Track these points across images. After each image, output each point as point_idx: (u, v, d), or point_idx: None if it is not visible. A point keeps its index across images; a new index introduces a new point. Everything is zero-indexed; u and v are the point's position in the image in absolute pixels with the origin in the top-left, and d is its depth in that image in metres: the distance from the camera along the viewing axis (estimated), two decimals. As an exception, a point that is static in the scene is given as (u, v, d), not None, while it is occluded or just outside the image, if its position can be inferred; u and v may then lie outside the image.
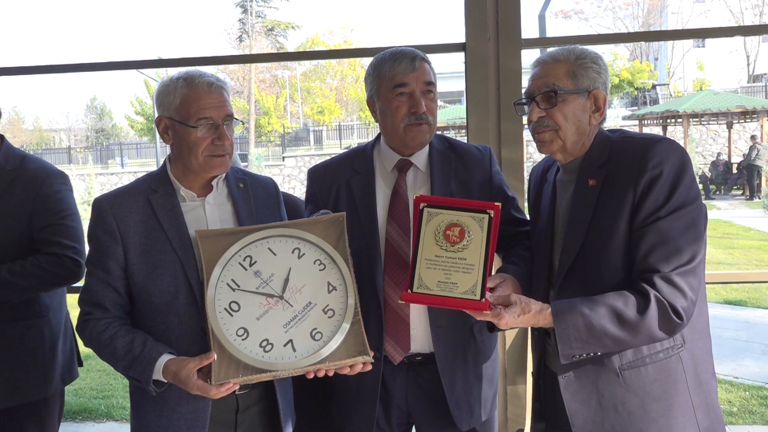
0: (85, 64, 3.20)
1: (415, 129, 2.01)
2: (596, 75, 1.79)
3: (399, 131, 2.03)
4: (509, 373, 2.78)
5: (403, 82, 2.00)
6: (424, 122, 2.01)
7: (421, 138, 2.03)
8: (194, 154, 1.87)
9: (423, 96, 2.01)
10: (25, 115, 57.45)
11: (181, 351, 1.81)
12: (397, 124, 2.02)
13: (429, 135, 2.05)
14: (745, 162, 19.65)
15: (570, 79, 1.78)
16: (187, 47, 65.61)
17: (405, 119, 2.01)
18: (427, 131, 2.04)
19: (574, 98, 1.78)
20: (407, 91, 2.00)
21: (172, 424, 1.87)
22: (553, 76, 1.78)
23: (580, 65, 1.78)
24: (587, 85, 1.78)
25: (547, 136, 1.81)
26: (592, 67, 1.78)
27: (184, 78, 1.88)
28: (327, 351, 1.76)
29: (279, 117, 35.93)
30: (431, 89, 2.03)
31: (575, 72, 1.78)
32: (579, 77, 1.78)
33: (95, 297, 1.87)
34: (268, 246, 1.85)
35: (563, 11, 41.01)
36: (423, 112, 2.00)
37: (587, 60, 1.79)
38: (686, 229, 1.66)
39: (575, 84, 1.78)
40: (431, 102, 2.03)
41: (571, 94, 1.77)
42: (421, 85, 2.01)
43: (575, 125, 1.79)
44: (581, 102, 1.78)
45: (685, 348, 1.74)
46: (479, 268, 1.71)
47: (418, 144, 2.05)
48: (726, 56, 37.18)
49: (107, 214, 1.87)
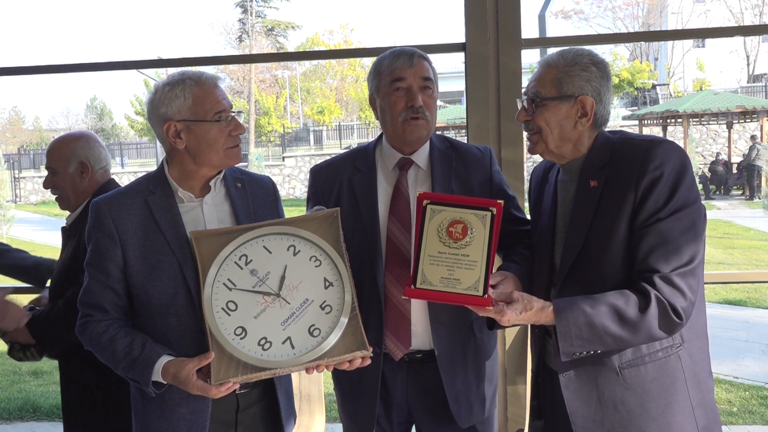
0: (85, 64, 3.21)
1: (412, 123, 2.02)
2: (584, 82, 1.79)
3: (397, 126, 2.04)
4: (509, 372, 2.79)
5: (401, 77, 2.02)
6: (421, 116, 2.02)
7: (419, 132, 2.04)
8: (215, 150, 1.88)
9: (420, 91, 2.02)
10: (25, 114, 57.54)
11: (181, 352, 1.81)
12: (395, 119, 2.04)
13: (426, 130, 2.06)
14: (745, 162, 19.66)
15: (554, 86, 1.80)
16: (187, 47, 65.69)
17: (402, 113, 2.02)
18: (425, 126, 2.04)
19: (556, 104, 1.79)
20: (404, 85, 2.02)
21: (172, 425, 1.87)
22: (540, 83, 1.82)
23: (566, 72, 1.79)
24: (572, 91, 1.79)
25: (533, 138, 1.86)
26: (580, 75, 1.79)
27: (189, 78, 1.88)
28: (326, 347, 1.77)
29: (279, 117, 35.93)
30: (429, 85, 2.04)
31: (561, 79, 1.79)
32: (564, 84, 1.79)
33: (95, 299, 1.87)
34: (263, 244, 1.85)
35: (563, 11, 40.97)
36: (420, 105, 2.01)
37: (576, 67, 1.79)
38: (686, 230, 1.67)
39: (558, 91, 1.79)
40: (429, 98, 2.04)
41: (552, 101, 1.79)
42: (419, 80, 2.02)
43: (557, 130, 1.81)
44: (564, 109, 1.80)
45: (684, 347, 1.75)
46: (482, 265, 1.72)
47: (415, 139, 2.06)
48: (726, 56, 37.17)
49: (105, 216, 1.87)
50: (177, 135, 1.88)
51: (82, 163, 2.40)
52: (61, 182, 2.42)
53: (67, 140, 2.46)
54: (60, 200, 2.48)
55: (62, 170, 2.41)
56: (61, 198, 2.46)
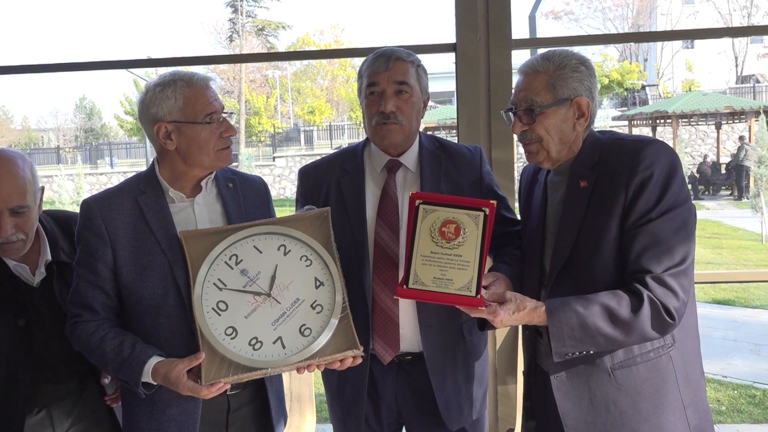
0: (74, 63, 3.19)
1: (384, 128, 2.01)
2: (577, 83, 1.78)
3: (371, 130, 2.05)
4: (500, 372, 2.79)
5: (374, 81, 2.02)
6: (392, 122, 2.01)
7: (391, 138, 2.03)
8: (206, 151, 1.87)
9: (395, 96, 2.01)
10: (13, 114, 56.90)
11: (172, 353, 1.80)
12: (369, 123, 2.05)
13: (402, 135, 2.04)
14: (734, 162, 19.78)
15: (549, 92, 1.77)
16: (177, 47, 65.42)
17: (375, 118, 2.02)
18: (398, 131, 2.02)
19: (554, 110, 1.78)
20: (378, 90, 2.01)
21: (162, 426, 1.86)
22: (532, 90, 1.78)
23: (559, 76, 1.77)
24: (568, 94, 1.78)
25: (533, 147, 1.83)
26: (572, 76, 1.77)
27: (180, 79, 1.86)
28: (317, 346, 1.76)
29: (269, 117, 35.82)
30: (404, 89, 2.01)
31: (554, 83, 1.77)
32: (558, 88, 1.77)
33: (84, 299, 1.86)
34: (254, 244, 1.84)
35: (553, 12, 41.09)
36: (390, 111, 1.99)
37: (566, 69, 1.77)
38: (677, 230, 1.67)
39: (554, 96, 1.77)
40: (404, 102, 2.02)
41: (550, 108, 1.78)
42: (392, 84, 2.00)
43: (558, 136, 1.80)
44: (562, 113, 1.78)
45: (675, 347, 1.75)
46: (474, 265, 1.72)
47: (389, 144, 2.05)
48: (715, 57, 37.40)
49: (95, 216, 1.86)
50: (167, 136, 1.86)
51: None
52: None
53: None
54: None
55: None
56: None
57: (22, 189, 1.90)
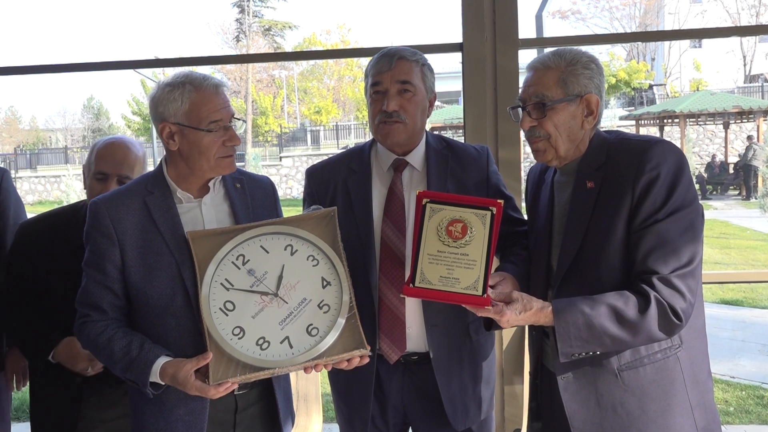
0: (81, 63, 3.20)
1: (386, 127, 2.02)
2: (588, 80, 1.78)
3: (374, 129, 2.06)
4: (506, 372, 2.79)
5: (377, 81, 2.03)
6: (395, 120, 2.01)
7: (393, 136, 2.03)
8: (206, 158, 1.87)
9: (398, 95, 2.01)
10: (21, 114, 57.15)
11: (180, 353, 1.80)
12: (373, 122, 2.05)
13: (405, 134, 2.04)
14: (742, 162, 19.69)
15: (560, 87, 1.78)
16: (184, 47, 65.51)
17: (378, 117, 2.03)
18: (401, 130, 2.03)
19: (564, 106, 1.78)
20: (381, 89, 2.02)
21: (170, 426, 1.87)
22: (543, 85, 1.78)
23: (570, 72, 1.77)
24: (578, 90, 1.78)
25: (540, 145, 1.82)
26: (583, 73, 1.78)
27: (190, 82, 1.86)
28: (324, 346, 1.77)
29: (276, 117, 35.88)
30: (407, 88, 2.02)
31: (565, 79, 1.77)
32: (569, 84, 1.77)
33: (92, 299, 1.87)
34: (261, 244, 1.84)
35: (560, 11, 41.01)
36: (392, 110, 2.00)
37: (578, 66, 1.78)
38: (684, 231, 1.67)
39: (565, 92, 1.77)
40: (407, 101, 2.02)
41: (560, 103, 1.77)
42: (395, 84, 2.01)
43: (566, 133, 1.79)
44: (572, 109, 1.78)
45: (683, 348, 1.75)
46: (481, 264, 1.71)
47: (392, 142, 2.05)
48: (723, 56, 37.20)
49: (104, 216, 1.86)
50: (171, 137, 1.87)
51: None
52: None
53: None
54: None
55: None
56: None
57: (132, 163, 2.26)
